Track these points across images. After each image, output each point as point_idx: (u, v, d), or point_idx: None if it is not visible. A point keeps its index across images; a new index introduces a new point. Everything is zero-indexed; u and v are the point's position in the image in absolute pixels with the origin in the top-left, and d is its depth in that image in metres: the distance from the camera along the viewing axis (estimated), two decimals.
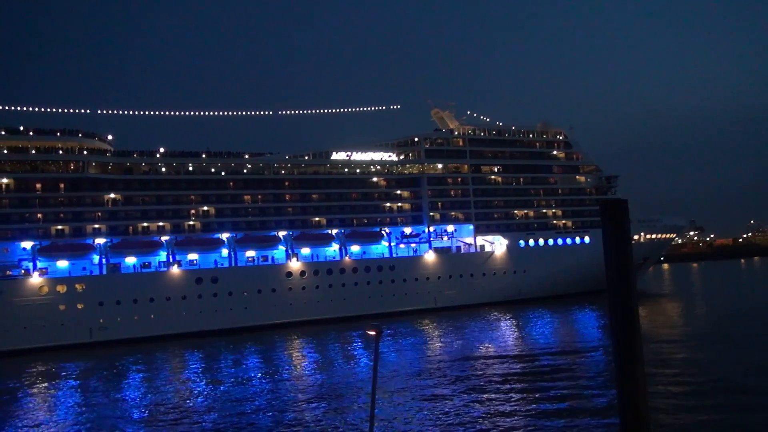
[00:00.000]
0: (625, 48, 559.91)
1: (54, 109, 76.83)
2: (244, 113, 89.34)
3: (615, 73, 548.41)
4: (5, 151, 68.96)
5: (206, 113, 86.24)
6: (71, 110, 77.88)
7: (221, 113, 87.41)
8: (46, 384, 50.13)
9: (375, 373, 13.07)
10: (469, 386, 38.07)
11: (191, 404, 38.26)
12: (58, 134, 71.60)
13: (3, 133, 69.35)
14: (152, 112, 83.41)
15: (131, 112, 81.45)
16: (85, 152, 72.13)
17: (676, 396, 33.21)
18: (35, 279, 67.21)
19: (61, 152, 71.15)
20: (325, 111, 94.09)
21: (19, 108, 73.95)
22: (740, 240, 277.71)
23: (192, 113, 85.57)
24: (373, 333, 13.05)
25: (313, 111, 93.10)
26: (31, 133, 70.32)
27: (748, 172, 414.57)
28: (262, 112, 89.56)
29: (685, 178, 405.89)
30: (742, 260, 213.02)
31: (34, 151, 70.01)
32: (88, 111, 78.64)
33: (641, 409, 7.31)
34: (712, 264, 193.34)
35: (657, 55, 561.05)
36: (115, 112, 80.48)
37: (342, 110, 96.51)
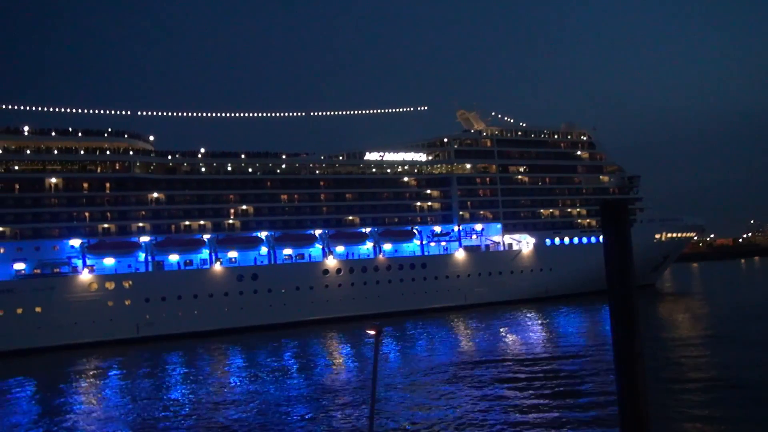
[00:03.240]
0: (628, 49, 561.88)
1: (95, 111, 78.87)
2: (277, 114, 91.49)
3: (615, 73, 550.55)
4: (55, 152, 70.95)
5: (241, 115, 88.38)
6: (112, 111, 79.88)
7: (255, 114, 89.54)
8: (96, 377, 52.15)
9: (375, 372, 13.07)
10: (480, 385, 38.62)
11: (225, 399, 39.49)
12: (105, 135, 73.61)
13: (54, 134, 71.39)
14: (190, 114, 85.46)
15: (170, 114, 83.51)
16: (130, 153, 74.13)
17: (677, 395, 33.55)
18: (85, 276, 69.20)
19: (108, 152, 73.12)
20: (356, 112, 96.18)
21: (62, 109, 76.06)
22: (740, 240, 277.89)
23: (228, 115, 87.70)
24: (373, 332, 13.12)
25: (344, 112, 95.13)
26: (80, 134, 72.32)
27: (748, 172, 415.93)
28: (295, 114, 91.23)
29: (685, 177, 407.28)
30: (742, 260, 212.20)
31: (82, 152, 71.98)
32: (128, 112, 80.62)
33: (641, 409, 7.27)
34: (712, 264, 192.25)
35: (659, 57, 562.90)
36: (154, 113, 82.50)
37: (372, 111, 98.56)
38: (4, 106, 71.60)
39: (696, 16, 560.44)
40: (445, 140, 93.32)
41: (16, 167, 70.07)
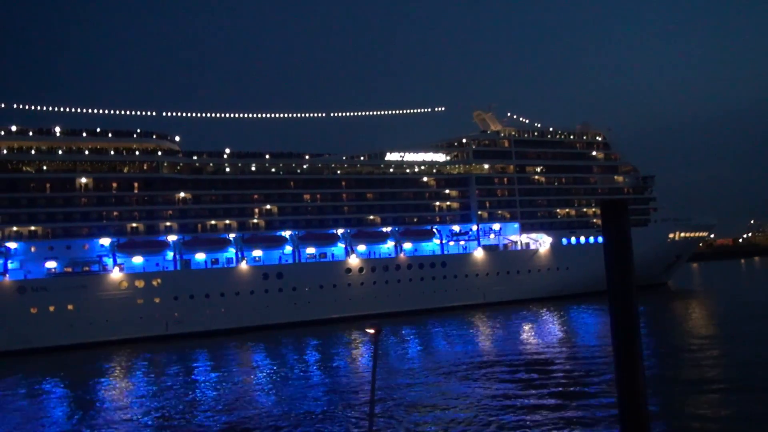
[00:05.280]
0: (630, 52, 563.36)
1: (122, 111, 79.98)
2: (298, 115, 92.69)
3: (616, 73, 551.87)
4: (86, 152, 72.11)
5: (263, 115, 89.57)
6: (137, 112, 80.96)
7: (277, 115, 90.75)
8: (126, 374, 53.62)
9: (374, 371, 13.15)
10: (490, 384, 39.05)
11: (244, 396, 40.47)
12: (134, 136, 74.79)
13: (84, 135, 72.54)
14: (213, 114, 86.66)
15: (194, 114, 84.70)
16: (159, 153, 75.29)
17: (677, 395, 33.73)
18: (116, 274, 70.40)
19: (137, 153, 74.30)
20: (375, 113, 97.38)
21: (90, 110, 77.21)
22: (740, 240, 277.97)
23: (249, 115, 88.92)
24: (372, 331, 13.24)
25: (363, 113, 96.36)
26: (110, 135, 73.50)
27: (749, 172, 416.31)
28: (315, 114, 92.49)
29: (684, 178, 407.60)
30: (742, 260, 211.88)
31: (112, 152, 73.15)
32: (154, 113, 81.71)
33: (641, 409, 7.24)
34: (713, 264, 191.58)
35: (659, 58, 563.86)
36: (179, 114, 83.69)
37: (390, 112, 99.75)
38: (36, 107, 72.78)
39: (702, 15, 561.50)
40: (464, 141, 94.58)
41: (45, 167, 71.19)
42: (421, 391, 38.54)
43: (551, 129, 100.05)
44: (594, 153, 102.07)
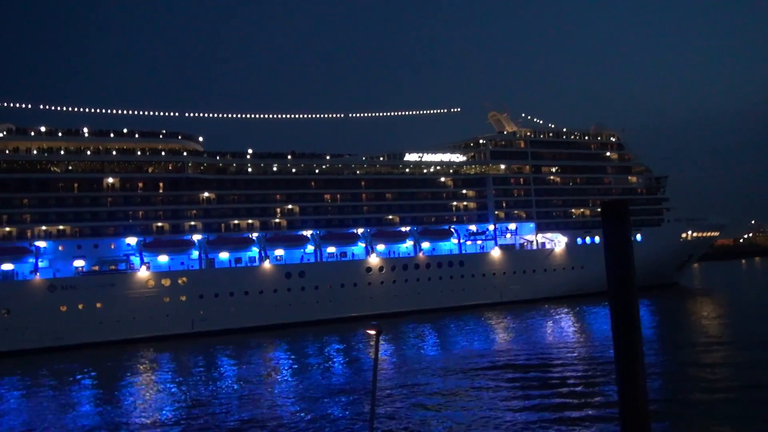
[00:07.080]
0: (631, 48, 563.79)
1: (146, 112, 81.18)
2: (318, 116, 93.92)
3: (619, 72, 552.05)
4: (114, 153, 73.23)
5: (284, 116, 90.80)
6: (161, 113, 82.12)
7: (297, 116, 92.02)
8: (153, 370, 54.97)
9: (375, 371, 13.19)
10: (496, 385, 39.35)
11: (261, 393, 41.52)
12: (160, 136, 75.91)
13: (112, 135, 73.66)
14: (234, 115, 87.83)
15: (216, 115, 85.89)
16: (184, 153, 76.40)
17: (677, 395, 34.06)
18: (143, 273, 71.51)
19: (162, 153, 75.40)
20: (391, 114, 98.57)
21: (115, 111, 78.38)
22: (741, 240, 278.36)
23: (271, 116, 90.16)
24: (373, 332, 13.33)
25: (380, 114, 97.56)
26: (136, 135, 74.63)
27: (749, 172, 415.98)
28: (335, 115, 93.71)
29: (684, 178, 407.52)
30: (743, 260, 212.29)
31: (139, 153, 74.29)
32: (177, 114, 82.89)
33: (642, 409, 7.28)
34: (713, 264, 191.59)
35: (658, 55, 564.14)
36: (202, 114, 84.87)
37: (406, 113, 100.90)
38: (64, 108, 73.95)
39: (715, 11, 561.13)
40: (481, 141, 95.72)
41: (73, 168, 72.19)
42: (430, 389, 39.02)
43: (565, 130, 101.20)
44: (608, 154, 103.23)
